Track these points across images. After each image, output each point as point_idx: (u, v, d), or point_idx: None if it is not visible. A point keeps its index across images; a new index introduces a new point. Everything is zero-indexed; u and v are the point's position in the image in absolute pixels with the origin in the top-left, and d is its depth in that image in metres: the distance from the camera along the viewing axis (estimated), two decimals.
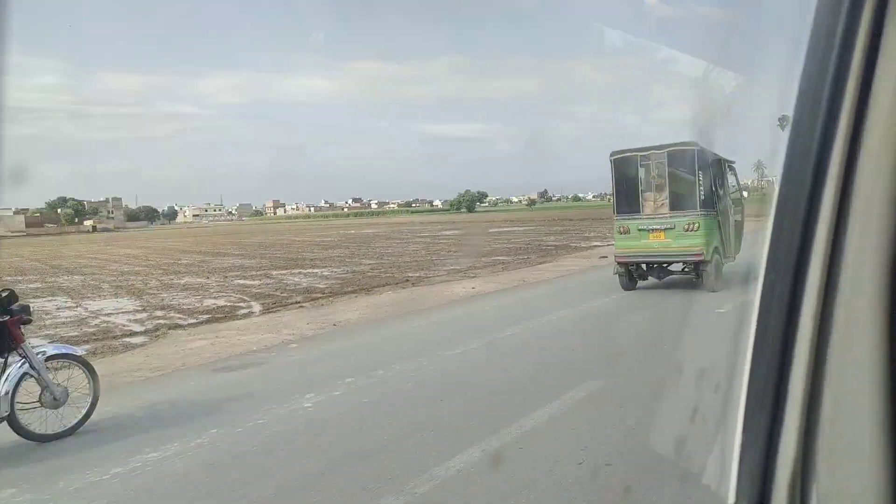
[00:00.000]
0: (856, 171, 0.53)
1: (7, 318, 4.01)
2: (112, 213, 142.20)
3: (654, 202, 9.22)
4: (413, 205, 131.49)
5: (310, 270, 15.67)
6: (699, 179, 8.76)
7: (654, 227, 9.12)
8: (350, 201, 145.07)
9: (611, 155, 9.51)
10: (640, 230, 9.22)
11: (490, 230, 33.93)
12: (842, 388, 0.54)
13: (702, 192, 8.76)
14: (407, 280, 12.81)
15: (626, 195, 9.45)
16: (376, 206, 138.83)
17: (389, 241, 27.58)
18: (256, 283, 13.54)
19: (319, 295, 11.10)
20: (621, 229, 9.43)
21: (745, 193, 11.02)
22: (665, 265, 9.46)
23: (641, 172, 9.34)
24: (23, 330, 4.15)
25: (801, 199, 0.56)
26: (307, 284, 12.73)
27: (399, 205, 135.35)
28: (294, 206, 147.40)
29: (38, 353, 4.20)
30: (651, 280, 9.70)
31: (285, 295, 11.26)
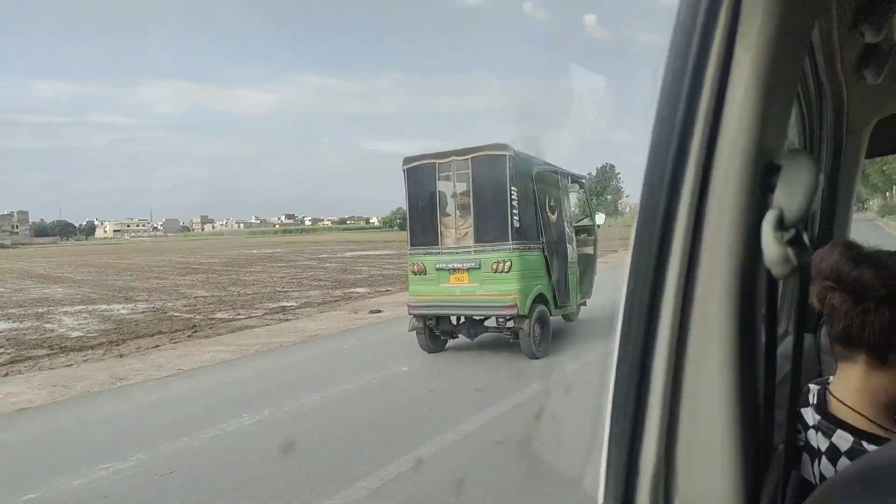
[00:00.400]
0: (710, 182, 0.55)
1: None
2: (16, 227, 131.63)
3: (455, 230, 6.47)
4: (348, 222, 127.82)
5: (106, 308, 12.98)
6: (513, 198, 6.07)
7: (455, 265, 6.35)
8: (283, 217, 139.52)
9: (403, 163, 6.70)
10: (438, 269, 6.43)
11: (385, 252, 31.14)
12: (697, 394, 0.56)
13: (516, 217, 6.08)
14: (193, 328, 9.83)
15: (422, 220, 6.65)
16: (310, 223, 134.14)
17: (270, 265, 25.72)
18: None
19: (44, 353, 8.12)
20: (415, 268, 6.60)
21: (601, 218, 8.48)
22: (478, 319, 6.72)
23: (442, 187, 6.59)
24: None
25: (659, 208, 0.58)
26: (61, 333, 9.82)
27: (333, 222, 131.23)
28: (223, 222, 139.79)
29: None
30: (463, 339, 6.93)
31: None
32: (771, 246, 0.51)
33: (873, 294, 0.81)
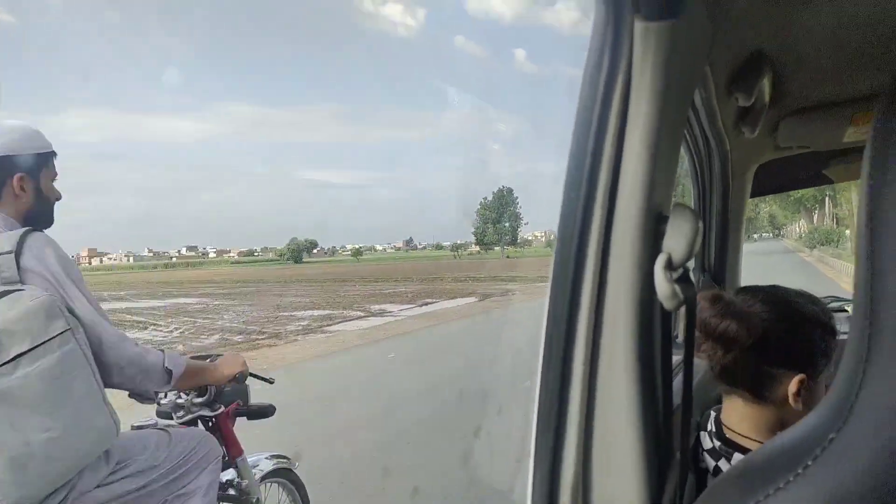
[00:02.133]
0: (612, 230, 0.64)
1: (221, 408, 1.94)
2: None
3: None
4: (256, 253, 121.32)
5: None
6: None
7: None
8: (184, 249, 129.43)
9: None
10: None
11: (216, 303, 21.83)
12: (608, 408, 0.64)
13: None
14: None
15: None
16: (215, 255, 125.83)
17: None
18: None
19: None
20: None
21: None
22: None
23: None
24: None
25: (571, 252, 0.65)
26: None
27: (240, 253, 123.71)
28: (112, 257, 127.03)
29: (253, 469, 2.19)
30: None
31: None
32: (662, 283, 0.61)
33: (740, 345, 0.85)
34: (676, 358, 1.51)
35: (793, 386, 0.87)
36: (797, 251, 40.45)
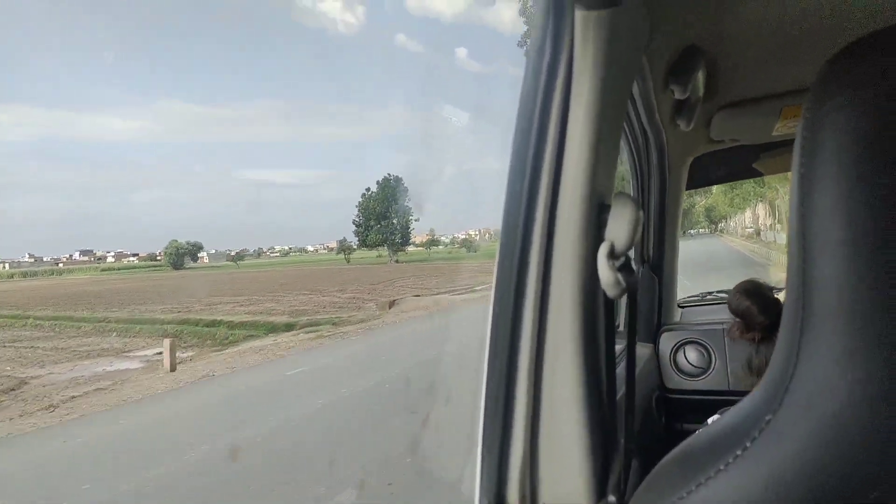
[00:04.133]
0: (556, 220, 0.65)
1: None
2: None
3: None
4: (158, 257, 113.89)
5: None
6: None
7: None
8: (77, 254, 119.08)
9: None
10: None
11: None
12: (553, 398, 0.65)
13: None
14: None
15: None
16: (113, 259, 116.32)
17: None
18: None
19: None
20: None
21: None
22: None
23: None
24: None
25: (517, 244, 0.66)
26: None
27: (140, 257, 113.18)
28: None
29: None
30: None
31: None
32: (605, 272, 0.61)
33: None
34: (618, 346, 1.56)
35: None
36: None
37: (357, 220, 56.19)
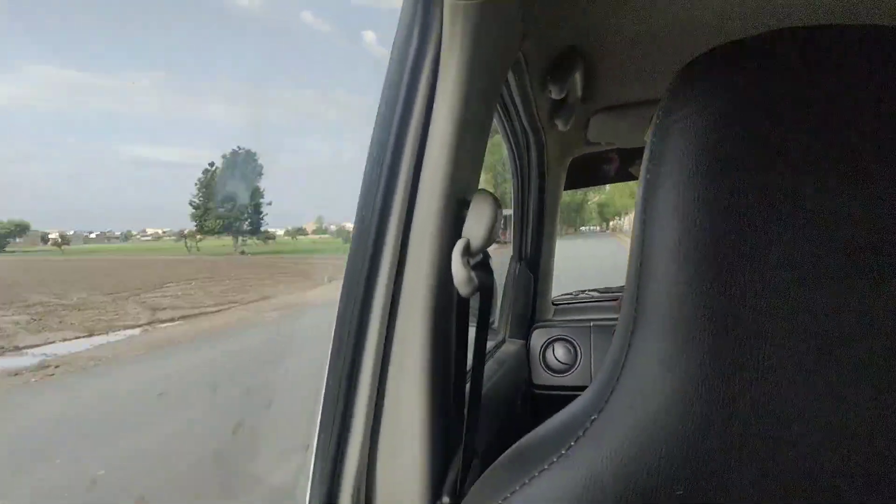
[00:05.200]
0: (414, 213, 0.63)
1: None
2: None
3: None
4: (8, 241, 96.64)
5: None
6: None
7: None
8: None
9: None
10: None
11: None
12: (398, 397, 0.63)
13: None
14: None
15: None
16: None
17: None
18: None
19: None
20: None
21: None
22: None
23: None
24: None
25: (370, 235, 0.63)
26: None
27: None
28: None
29: None
30: None
31: None
32: (458, 269, 0.60)
33: None
34: (491, 342, 1.57)
35: None
36: None
37: (195, 201, 47.27)
